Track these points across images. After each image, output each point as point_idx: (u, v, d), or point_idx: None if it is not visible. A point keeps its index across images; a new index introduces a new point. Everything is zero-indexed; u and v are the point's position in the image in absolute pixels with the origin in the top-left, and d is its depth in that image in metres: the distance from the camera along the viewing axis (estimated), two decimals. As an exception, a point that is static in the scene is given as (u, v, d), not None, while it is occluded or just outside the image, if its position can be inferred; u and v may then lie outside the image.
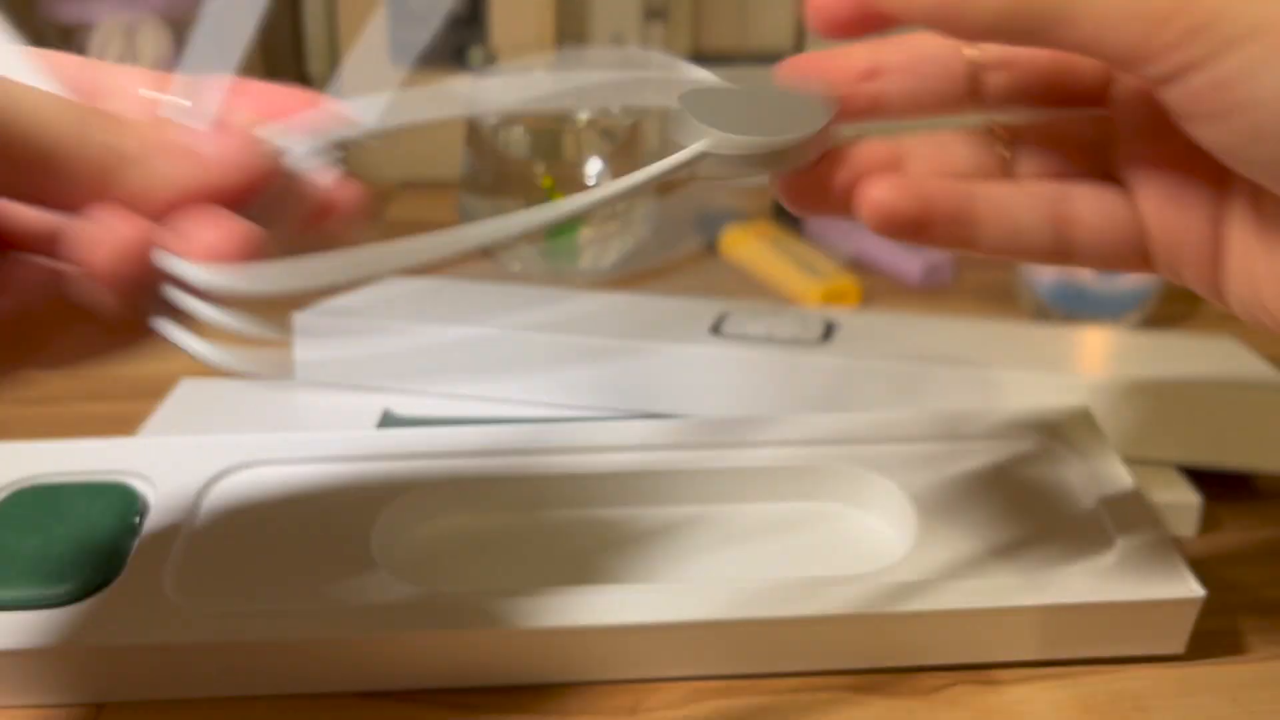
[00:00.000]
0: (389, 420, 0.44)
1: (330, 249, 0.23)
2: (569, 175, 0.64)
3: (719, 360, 0.43)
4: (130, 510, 0.34)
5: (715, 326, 0.46)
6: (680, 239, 0.69)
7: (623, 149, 0.64)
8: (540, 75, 0.28)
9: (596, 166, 0.64)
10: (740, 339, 0.44)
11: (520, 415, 0.44)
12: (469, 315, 0.47)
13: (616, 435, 0.38)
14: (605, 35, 0.83)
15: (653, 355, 0.44)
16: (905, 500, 0.35)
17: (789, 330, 0.45)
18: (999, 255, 0.27)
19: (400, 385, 0.46)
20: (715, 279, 0.65)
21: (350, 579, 0.32)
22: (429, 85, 0.26)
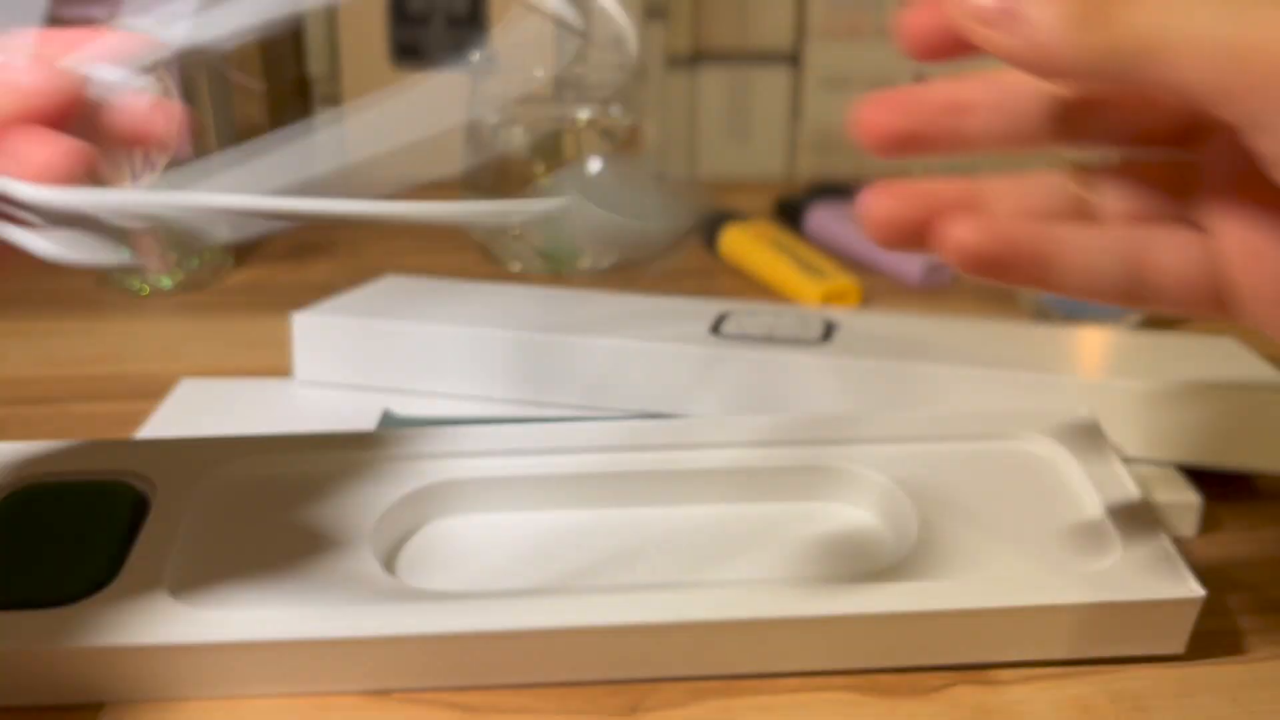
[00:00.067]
0: (389, 420, 0.44)
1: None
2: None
3: (719, 360, 0.43)
4: (130, 510, 0.34)
5: (715, 326, 0.46)
6: (680, 239, 0.69)
7: (623, 149, 0.64)
8: None
9: (596, 165, 0.64)
10: (740, 339, 0.44)
11: (519, 415, 0.44)
12: (469, 315, 0.47)
13: (616, 435, 0.38)
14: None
15: (653, 355, 0.44)
16: (905, 500, 0.35)
17: (789, 330, 0.45)
18: (1074, 296, 0.27)
19: (400, 385, 0.46)
20: (715, 279, 0.65)
21: (350, 579, 0.32)
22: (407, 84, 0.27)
